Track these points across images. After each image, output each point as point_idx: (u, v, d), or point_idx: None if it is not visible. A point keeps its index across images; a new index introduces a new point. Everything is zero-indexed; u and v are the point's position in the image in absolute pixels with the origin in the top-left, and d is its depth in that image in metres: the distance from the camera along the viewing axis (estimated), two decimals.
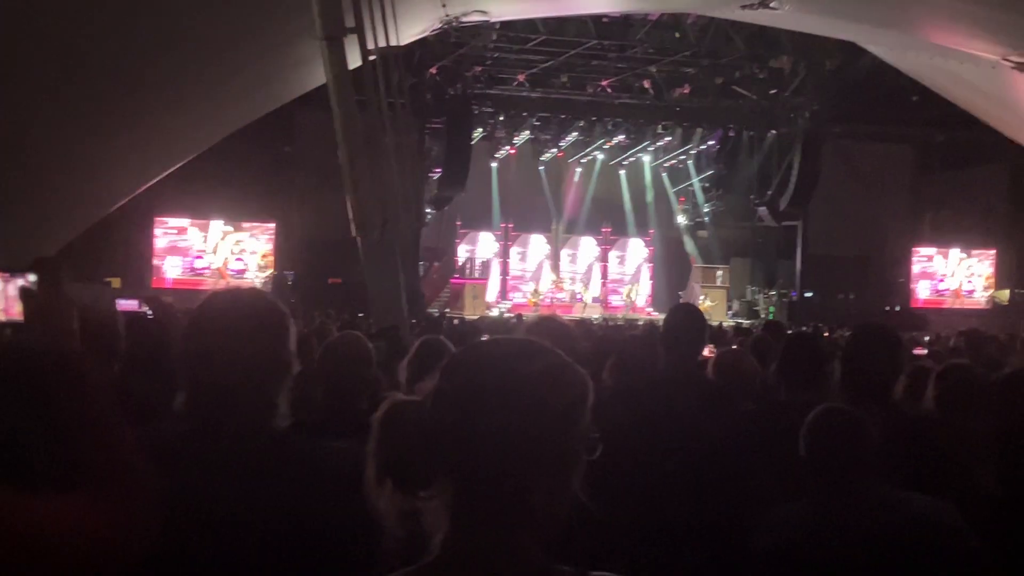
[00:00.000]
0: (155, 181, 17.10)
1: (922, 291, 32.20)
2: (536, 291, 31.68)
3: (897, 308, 30.85)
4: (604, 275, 33.60)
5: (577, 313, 28.31)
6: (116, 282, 25.29)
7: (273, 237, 27.79)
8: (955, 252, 32.30)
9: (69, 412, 1.63)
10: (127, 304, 19.04)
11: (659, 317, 22.35)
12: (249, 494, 1.99)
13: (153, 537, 1.65)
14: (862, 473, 2.88)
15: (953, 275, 32.48)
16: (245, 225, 27.60)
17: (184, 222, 27.04)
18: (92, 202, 15.35)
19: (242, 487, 2.00)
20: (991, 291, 32.40)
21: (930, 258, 32.46)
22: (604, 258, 33.70)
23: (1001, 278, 32.45)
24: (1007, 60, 13.14)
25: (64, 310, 1.83)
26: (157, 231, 26.80)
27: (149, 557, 1.65)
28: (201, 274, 27.03)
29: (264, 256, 27.74)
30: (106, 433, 1.66)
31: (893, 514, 2.80)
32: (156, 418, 2.38)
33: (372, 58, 11.94)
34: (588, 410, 1.58)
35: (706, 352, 7.27)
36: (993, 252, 32.27)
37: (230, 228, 27.45)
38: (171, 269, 27.01)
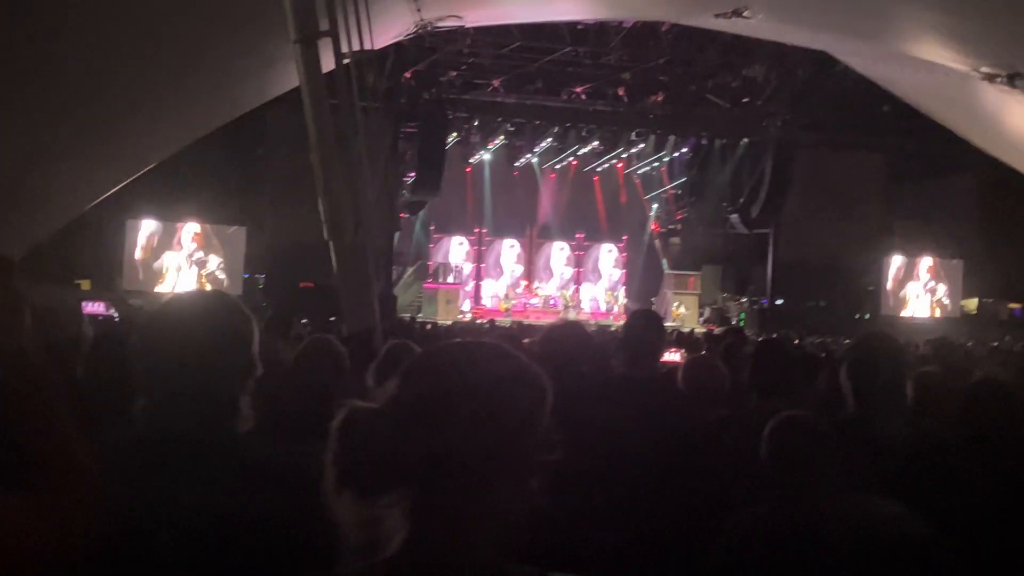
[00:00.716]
0: (126, 183, 16.93)
1: (889, 299, 32.47)
2: (507, 296, 31.71)
3: (867, 316, 31.10)
4: (578, 281, 33.68)
5: (551, 319, 28.32)
6: (86, 284, 25.09)
7: (244, 240, 27.65)
8: (923, 261, 32.60)
9: (17, 411, 1.60)
10: (94, 307, 18.91)
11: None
12: (207, 499, 1.96)
13: (99, 540, 1.62)
14: (823, 479, 2.89)
15: (922, 285, 32.77)
16: (216, 228, 27.43)
17: (155, 224, 26.83)
18: (62, 204, 15.19)
19: (200, 492, 1.96)
20: (940, 298, 32.71)
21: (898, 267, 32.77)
22: (578, 264, 33.79)
23: (970, 287, 32.76)
24: (978, 71, 13.25)
25: (14, 307, 1.79)
26: (128, 233, 26.57)
27: (100, 561, 1.62)
28: (173, 277, 26.88)
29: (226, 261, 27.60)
30: (56, 434, 1.63)
31: (853, 520, 2.80)
32: (118, 422, 2.34)
33: (346, 61, 11.88)
34: (546, 413, 1.57)
35: (677, 358, 7.28)
36: (960, 262, 32.59)
37: (201, 230, 27.30)
38: (142, 272, 26.80)
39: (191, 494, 1.95)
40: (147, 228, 26.81)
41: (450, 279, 30.91)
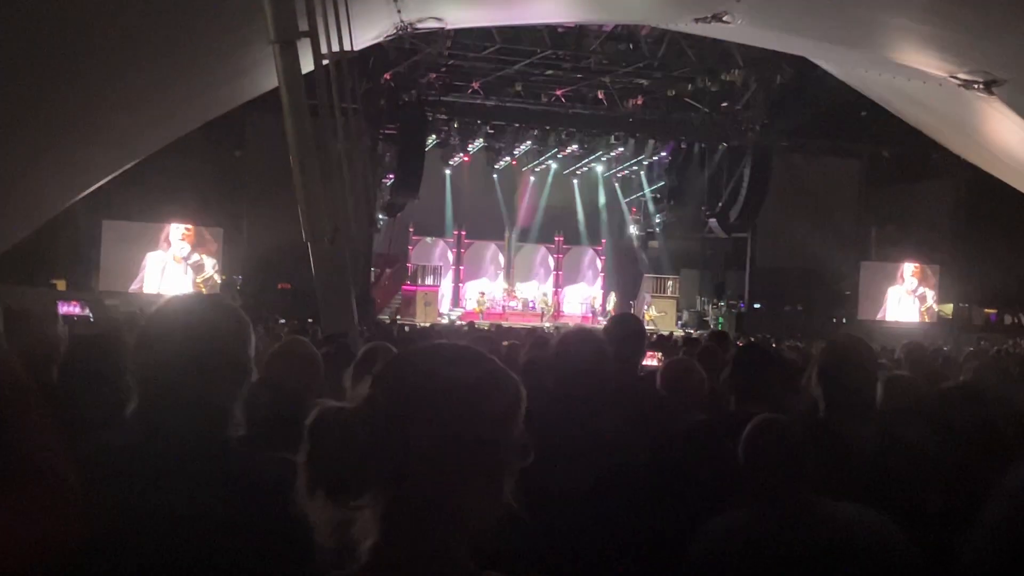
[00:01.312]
0: (103, 183, 16.83)
1: (866, 304, 32.63)
2: (481, 299, 31.62)
3: (844, 320, 31.25)
4: (557, 284, 33.72)
5: (530, 322, 28.33)
6: (61, 285, 24.93)
7: (221, 241, 27.56)
8: (906, 266, 32.78)
9: None
10: (69, 307, 18.77)
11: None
12: (197, 506, 1.94)
13: (78, 546, 1.60)
14: (798, 483, 2.89)
15: (906, 289, 32.94)
16: (194, 229, 27.30)
17: (132, 225, 26.67)
18: (38, 204, 15.08)
19: (190, 499, 1.94)
20: (930, 305, 32.91)
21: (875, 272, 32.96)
22: (557, 267, 33.83)
23: (945, 292, 32.96)
24: (954, 78, 13.32)
25: None
26: (104, 233, 26.40)
27: (82, 566, 1.61)
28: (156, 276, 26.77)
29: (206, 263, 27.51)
30: (30, 438, 1.61)
31: (827, 525, 2.81)
32: (97, 423, 2.31)
33: (325, 63, 11.85)
34: (521, 417, 1.57)
35: (654, 362, 7.27)
36: (936, 267, 32.78)
37: (179, 231, 27.19)
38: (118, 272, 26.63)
39: (182, 500, 1.93)
40: (125, 228, 26.63)
41: (429, 281, 30.89)
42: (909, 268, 32.66)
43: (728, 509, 2.98)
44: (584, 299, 33.70)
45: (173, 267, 27.00)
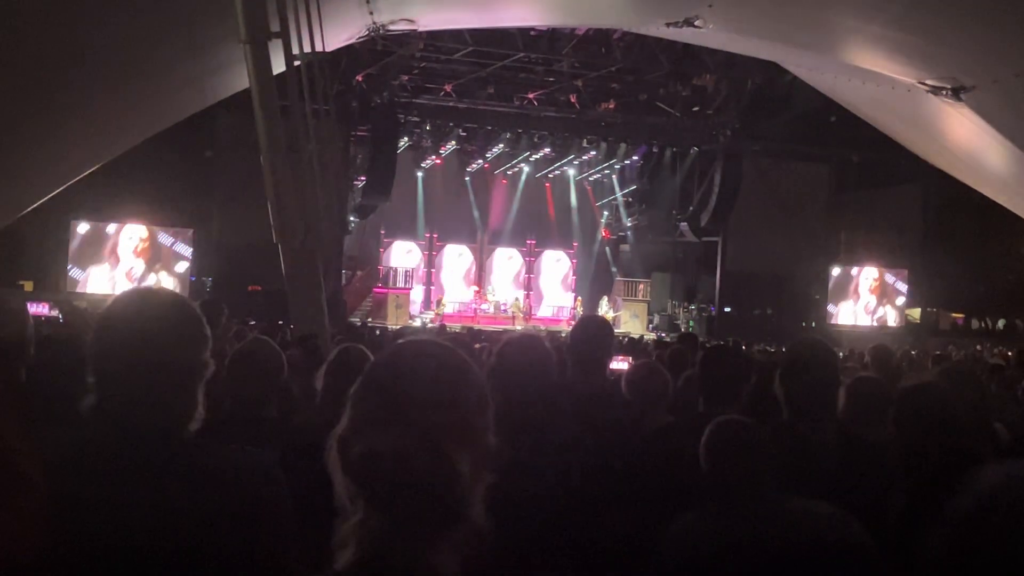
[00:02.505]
0: (71, 183, 16.67)
1: (836, 308, 32.89)
2: (441, 302, 31.59)
3: (813, 324, 31.47)
4: (528, 287, 33.74)
5: (501, 324, 28.33)
6: (28, 286, 24.70)
7: (191, 242, 27.43)
8: (867, 271, 33.06)
9: None
10: (38, 308, 18.61)
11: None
12: (155, 501, 1.92)
13: (37, 543, 1.59)
14: (759, 484, 2.91)
15: (869, 296, 33.22)
16: (164, 230, 27.16)
17: (101, 226, 26.48)
18: (5, 204, 14.93)
19: (148, 494, 1.93)
20: (899, 309, 33.20)
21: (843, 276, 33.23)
22: (529, 269, 33.86)
23: (914, 296, 33.26)
24: (922, 84, 13.45)
25: None
26: (73, 234, 26.19)
27: (39, 564, 1.60)
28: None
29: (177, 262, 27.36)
30: None
31: (792, 525, 2.82)
32: (65, 422, 2.30)
33: (297, 64, 11.81)
34: (491, 416, 1.57)
35: (625, 366, 7.30)
36: (905, 272, 33.08)
37: (147, 232, 27.02)
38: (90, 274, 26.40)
39: (140, 496, 1.92)
40: (94, 228, 26.44)
41: (400, 284, 30.83)
42: (878, 272, 32.94)
43: (694, 509, 2.99)
44: (561, 302, 33.75)
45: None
